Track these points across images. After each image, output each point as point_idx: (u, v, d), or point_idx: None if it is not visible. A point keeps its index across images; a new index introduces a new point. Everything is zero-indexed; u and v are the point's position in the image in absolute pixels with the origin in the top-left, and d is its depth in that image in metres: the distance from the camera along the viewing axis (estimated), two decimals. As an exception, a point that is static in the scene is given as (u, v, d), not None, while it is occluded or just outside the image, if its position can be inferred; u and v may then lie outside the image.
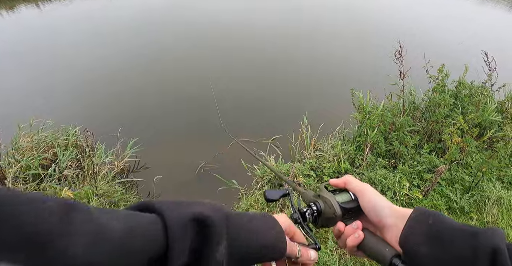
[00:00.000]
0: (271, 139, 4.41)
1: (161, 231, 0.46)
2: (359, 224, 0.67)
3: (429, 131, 3.73)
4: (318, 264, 2.42)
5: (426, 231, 0.58)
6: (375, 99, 3.96)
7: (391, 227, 0.63)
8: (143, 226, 0.46)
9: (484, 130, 3.76)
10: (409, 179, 3.24)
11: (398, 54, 3.63)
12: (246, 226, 0.56)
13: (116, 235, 0.42)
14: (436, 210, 2.30)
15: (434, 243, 0.56)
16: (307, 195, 0.74)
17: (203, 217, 0.49)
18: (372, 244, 0.64)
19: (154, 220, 0.47)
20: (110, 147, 3.81)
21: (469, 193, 3.07)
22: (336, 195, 0.70)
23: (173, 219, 0.47)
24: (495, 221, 2.79)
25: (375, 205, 0.66)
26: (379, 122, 3.62)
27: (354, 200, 0.69)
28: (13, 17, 8.68)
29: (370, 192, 0.67)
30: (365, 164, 3.46)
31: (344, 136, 4.12)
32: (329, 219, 0.68)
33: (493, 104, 3.89)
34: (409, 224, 0.60)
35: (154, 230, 0.46)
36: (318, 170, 3.46)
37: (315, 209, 0.69)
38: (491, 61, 3.80)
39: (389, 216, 0.64)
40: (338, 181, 0.72)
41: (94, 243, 0.39)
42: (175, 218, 0.47)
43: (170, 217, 0.47)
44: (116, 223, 0.43)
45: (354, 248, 0.66)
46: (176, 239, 0.46)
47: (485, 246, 0.51)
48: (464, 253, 0.53)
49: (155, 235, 0.46)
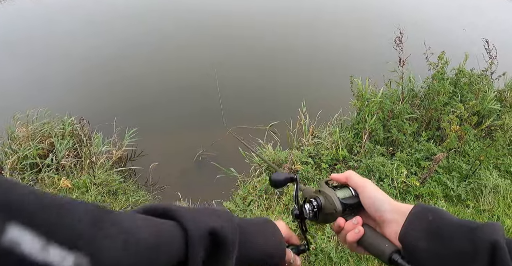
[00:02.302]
0: (269, 125, 4.40)
1: (182, 241, 0.48)
2: (359, 220, 0.67)
3: (428, 119, 3.73)
4: (315, 250, 2.45)
5: (426, 226, 0.58)
6: (374, 87, 3.93)
7: (391, 222, 0.63)
8: (166, 235, 0.47)
9: (483, 119, 3.76)
10: (406, 166, 3.25)
11: (398, 40, 3.59)
12: (251, 236, 0.59)
13: (143, 242, 0.43)
14: (433, 197, 2.30)
15: (433, 239, 0.56)
16: (307, 190, 0.75)
17: (219, 231, 0.51)
18: (372, 240, 0.65)
19: (175, 229, 0.49)
20: (107, 136, 3.79)
21: (466, 181, 3.09)
22: (336, 191, 0.70)
23: (193, 230, 0.49)
24: (491, 209, 2.82)
25: (375, 201, 0.66)
26: (378, 110, 3.61)
27: (354, 196, 0.69)
28: (4, 5, 8.47)
29: (370, 188, 0.67)
30: (363, 151, 3.46)
31: (343, 123, 4.12)
32: (330, 215, 0.69)
33: (493, 93, 3.87)
34: (409, 219, 0.61)
35: (177, 241, 0.48)
36: (316, 157, 3.47)
37: (315, 204, 0.70)
38: (492, 48, 3.76)
39: (389, 211, 0.64)
40: (339, 176, 0.72)
41: (123, 248, 0.40)
42: (195, 229, 0.49)
43: (191, 228, 0.49)
44: (142, 230, 0.45)
45: (354, 243, 0.67)
46: (196, 251, 0.48)
47: (484, 241, 0.51)
48: (464, 248, 0.53)
49: (177, 244, 0.48)
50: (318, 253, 2.42)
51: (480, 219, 2.73)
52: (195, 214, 0.52)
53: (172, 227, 0.49)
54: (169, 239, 0.47)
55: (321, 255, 2.40)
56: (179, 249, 0.48)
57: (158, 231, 0.47)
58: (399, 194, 2.99)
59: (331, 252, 2.41)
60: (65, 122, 3.54)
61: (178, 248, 0.48)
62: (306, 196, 0.73)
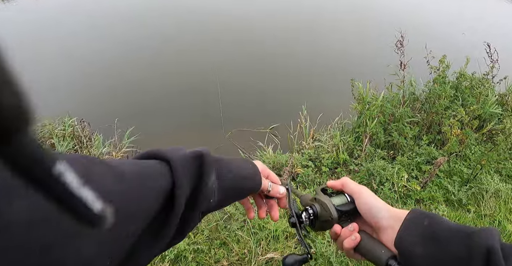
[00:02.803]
0: (270, 127, 4.40)
1: (166, 168, 0.53)
2: (356, 226, 0.67)
3: (429, 123, 3.72)
4: (315, 255, 2.44)
5: (422, 232, 0.58)
6: (375, 90, 3.93)
7: (387, 228, 0.63)
8: (152, 165, 0.53)
9: (484, 123, 3.74)
10: (407, 170, 3.24)
11: (399, 44, 3.59)
12: (230, 163, 0.65)
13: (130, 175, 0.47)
14: (434, 201, 2.28)
15: (429, 244, 0.56)
16: (304, 198, 0.75)
17: (200, 153, 0.58)
18: (369, 246, 0.65)
19: (158, 163, 0.54)
20: (108, 138, 3.79)
21: (467, 185, 3.07)
22: (332, 198, 0.70)
23: (174, 157, 0.54)
24: (492, 214, 2.80)
25: (372, 207, 0.66)
26: (379, 113, 3.60)
27: (350, 202, 0.69)
28: (7, 5, 8.51)
29: (366, 194, 0.68)
30: (364, 155, 3.45)
31: (343, 126, 4.11)
32: (326, 222, 0.69)
33: (494, 97, 3.86)
34: (404, 225, 0.61)
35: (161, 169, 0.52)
36: (316, 160, 3.46)
37: (311, 212, 0.70)
38: (493, 52, 3.76)
39: (385, 217, 0.64)
40: (335, 183, 0.73)
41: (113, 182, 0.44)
42: (176, 156, 0.54)
43: (172, 156, 0.54)
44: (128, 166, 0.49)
45: (351, 250, 0.67)
46: (180, 174, 0.52)
47: (479, 246, 0.52)
48: (459, 253, 0.53)
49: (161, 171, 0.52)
50: (318, 257, 2.41)
51: (481, 224, 2.71)
52: (175, 147, 0.58)
53: (157, 163, 0.54)
54: (152, 168, 0.52)
55: (321, 260, 2.39)
56: (165, 174, 0.51)
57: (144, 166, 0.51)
58: (400, 198, 2.98)
59: (331, 256, 2.40)
60: (66, 123, 3.54)
61: (164, 173, 0.52)
62: (303, 204, 0.74)
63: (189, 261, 2.25)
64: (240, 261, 2.31)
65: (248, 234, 2.48)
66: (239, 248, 2.38)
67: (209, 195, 0.57)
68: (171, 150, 0.56)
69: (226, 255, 2.33)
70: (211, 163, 0.58)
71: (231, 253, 2.35)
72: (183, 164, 0.54)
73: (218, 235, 2.47)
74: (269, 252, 2.36)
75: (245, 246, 2.39)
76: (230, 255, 2.33)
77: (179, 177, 0.51)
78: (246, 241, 2.42)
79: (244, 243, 2.41)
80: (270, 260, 2.33)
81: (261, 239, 2.44)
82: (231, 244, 2.39)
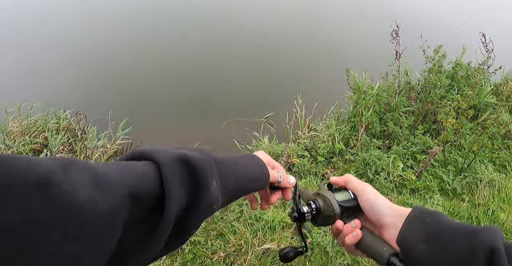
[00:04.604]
0: (265, 117, 4.38)
1: (156, 172, 0.47)
2: (358, 223, 0.67)
3: (424, 112, 3.73)
4: (311, 244, 2.46)
5: (424, 229, 0.58)
6: (370, 80, 3.92)
7: (390, 226, 0.63)
8: (137, 166, 0.48)
9: (479, 113, 3.76)
10: (403, 160, 3.25)
11: (395, 33, 3.57)
12: (234, 163, 0.60)
13: (113, 175, 0.43)
14: (428, 190, 2.30)
15: (431, 241, 0.56)
16: (306, 193, 0.75)
17: (187, 157, 0.51)
18: (370, 243, 0.65)
19: (147, 165, 0.48)
20: (102, 130, 3.75)
21: (461, 175, 3.10)
22: (335, 194, 0.70)
23: (163, 160, 0.48)
24: (486, 203, 2.83)
25: (374, 204, 0.66)
26: (374, 103, 3.60)
27: (353, 199, 0.69)
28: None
29: (369, 192, 0.68)
30: (360, 144, 3.46)
31: (339, 116, 4.11)
32: (328, 217, 0.69)
33: (489, 87, 3.87)
34: (407, 222, 0.61)
35: (150, 173, 0.47)
36: (312, 150, 3.46)
37: (314, 207, 0.70)
38: (489, 42, 3.75)
39: (388, 215, 0.64)
40: (338, 179, 0.72)
41: (94, 186, 0.40)
42: (165, 158, 0.49)
43: (160, 159, 0.48)
44: (109, 167, 0.45)
45: (352, 246, 0.67)
46: (169, 178, 0.47)
47: (482, 246, 0.51)
48: (462, 252, 0.53)
49: (151, 176, 0.47)
50: (314, 247, 2.42)
51: (476, 213, 2.74)
52: (167, 148, 0.52)
53: (145, 164, 0.48)
54: (141, 172, 0.47)
55: (317, 249, 2.40)
56: (155, 179, 0.47)
57: (131, 169, 0.46)
58: (395, 187, 3.00)
59: (327, 246, 2.42)
60: (60, 116, 3.49)
61: (154, 178, 0.47)
62: (305, 199, 0.74)
63: (185, 253, 2.25)
64: (237, 252, 2.32)
65: (245, 225, 2.49)
66: (235, 239, 2.39)
67: (212, 202, 0.53)
68: (161, 151, 0.51)
69: (222, 246, 2.34)
70: (212, 167, 0.54)
71: (227, 244, 2.36)
72: (176, 171, 0.50)
73: (215, 226, 2.47)
74: (266, 243, 2.37)
75: (242, 237, 2.40)
76: (227, 246, 2.34)
77: (168, 181, 0.48)
78: (243, 232, 2.43)
79: (241, 234, 2.42)
80: (266, 250, 2.34)
81: (258, 230, 2.45)
82: (228, 235, 2.40)
